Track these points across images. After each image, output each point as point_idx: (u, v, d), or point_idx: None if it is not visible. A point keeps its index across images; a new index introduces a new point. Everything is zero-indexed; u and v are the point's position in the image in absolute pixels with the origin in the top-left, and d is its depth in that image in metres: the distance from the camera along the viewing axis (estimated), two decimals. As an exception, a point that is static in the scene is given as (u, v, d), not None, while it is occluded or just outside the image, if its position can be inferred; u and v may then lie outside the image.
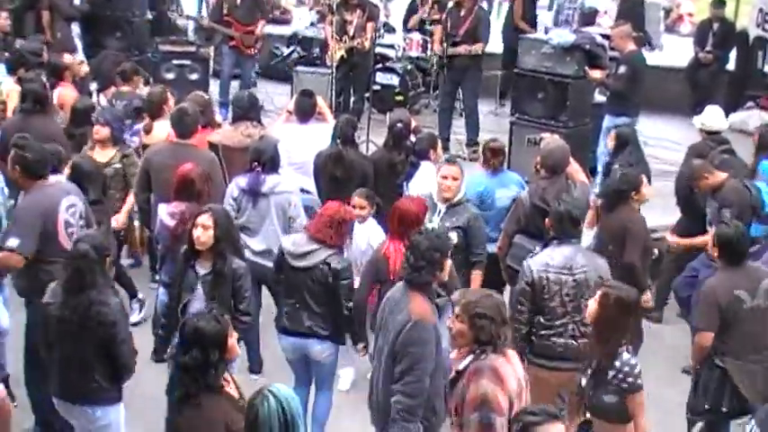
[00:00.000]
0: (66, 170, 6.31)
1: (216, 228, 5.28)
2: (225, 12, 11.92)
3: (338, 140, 7.36)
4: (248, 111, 7.64)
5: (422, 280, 4.75)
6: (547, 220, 5.72)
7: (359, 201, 6.54)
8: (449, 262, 4.90)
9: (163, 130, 7.48)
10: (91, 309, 4.76)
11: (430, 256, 4.73)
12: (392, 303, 4.84)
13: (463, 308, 4.16)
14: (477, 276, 6.41)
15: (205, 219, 5.30)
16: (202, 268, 5.38)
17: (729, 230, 5.67)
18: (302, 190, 7.24)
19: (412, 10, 14.05)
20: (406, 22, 14.17)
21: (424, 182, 6.97)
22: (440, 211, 6.33)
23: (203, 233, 5.28)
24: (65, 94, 8.46)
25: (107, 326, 4.80)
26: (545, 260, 5.48)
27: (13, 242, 5.54)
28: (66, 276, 4.86)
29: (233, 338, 4.21)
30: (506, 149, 7.31)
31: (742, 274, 5.62)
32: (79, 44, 11.82)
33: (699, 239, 7.03)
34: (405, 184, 7.32)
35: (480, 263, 6.44)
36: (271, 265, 6.19)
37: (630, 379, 4.54)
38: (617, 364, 4.55)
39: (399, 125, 7.57)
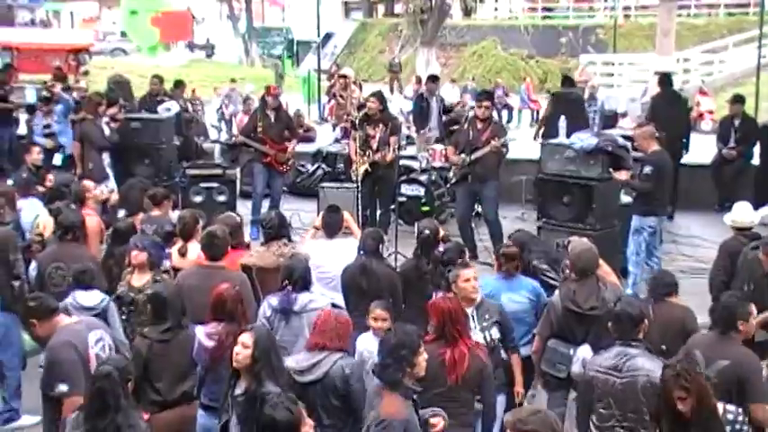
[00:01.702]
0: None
1: (254, 347, 5.16)
2: (260, 130, 12.22)
3: (362, 253, 7.39)
4: (279, 230, 7.72)
5: (390, 378, 4.80)
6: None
7: (380, 313, 6.32)
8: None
9: (194, 252, 7.55)
10: None
11: (397, 354, 4.79)
12: (370, 398, 4.89)
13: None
14: (517, 360, 6.48)
15: (246, 337, 5.21)
16: (238, 388, 5.25)
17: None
18: (333, 305, 7.21)
19: (420, 111, 14.38)
20: (416, 122, 14.50)
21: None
22: (472, 317, 6.24)
23: (242, 350, 5.18)
24: (88, 221, 8.57)
25: None
26: (599, 360, 5.42)
27: (62, 387, 5.38)
28: (89, 400, 4.75)
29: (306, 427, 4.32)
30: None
31: (723, 344, 5.52)
32: (110, 173, 12.08)
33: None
34: (434, 294, 7.28)
35: (516, 347, 6.52)
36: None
37: (746, 427, 4.83)
38: (730, 417, 4.81)
39: (426, 232, 7.60)
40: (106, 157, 12.16)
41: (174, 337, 6.06)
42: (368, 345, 6.27)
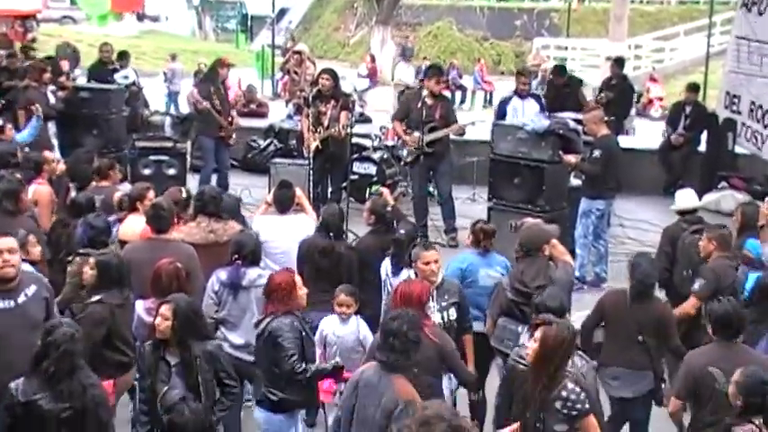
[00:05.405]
0: (91, 270, 6.17)
1: (174, 317, 5.30)
2: (216, 102, 12.12)
3: (327, 232, 7.30)
4: (206, 205, 7.41)
5: (400, 364, 4.79)
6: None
7: (345, 298, 6.39)
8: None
9: (137, 224, 7.38)
10: (86, 392, 4.77)
11: (405, 338, 4.79)
12: (367, 389, 4.79)
13: None
14: (469, 340, 6.44)
15: (164, 309, 5.37)
16: (173, 357, 5.35)
17: (721, 306, 5.62)
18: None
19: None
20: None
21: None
22: (432, 296, 6.17)
23: (162, 322, 5.34)
24: (40, 190, 8.42)
25: (104, 407, 4.89)
26: (522, 352, 5.28)
27: None
28: (53, 363, 4.71)
29: None
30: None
31: (729, 352, 5.49)
32: (55, 143, 11.85)
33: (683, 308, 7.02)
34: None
35: (471, 327, 6.48)
36: (251, 359, 6.17)
37: (579, 405, 4.72)
38: (563, 394, 4.72)
39: (389, 212, 7.61)
40: (51, 127, 11.94)
41: (127, 302, 6.10)
42: (335, 328, 6.37)
